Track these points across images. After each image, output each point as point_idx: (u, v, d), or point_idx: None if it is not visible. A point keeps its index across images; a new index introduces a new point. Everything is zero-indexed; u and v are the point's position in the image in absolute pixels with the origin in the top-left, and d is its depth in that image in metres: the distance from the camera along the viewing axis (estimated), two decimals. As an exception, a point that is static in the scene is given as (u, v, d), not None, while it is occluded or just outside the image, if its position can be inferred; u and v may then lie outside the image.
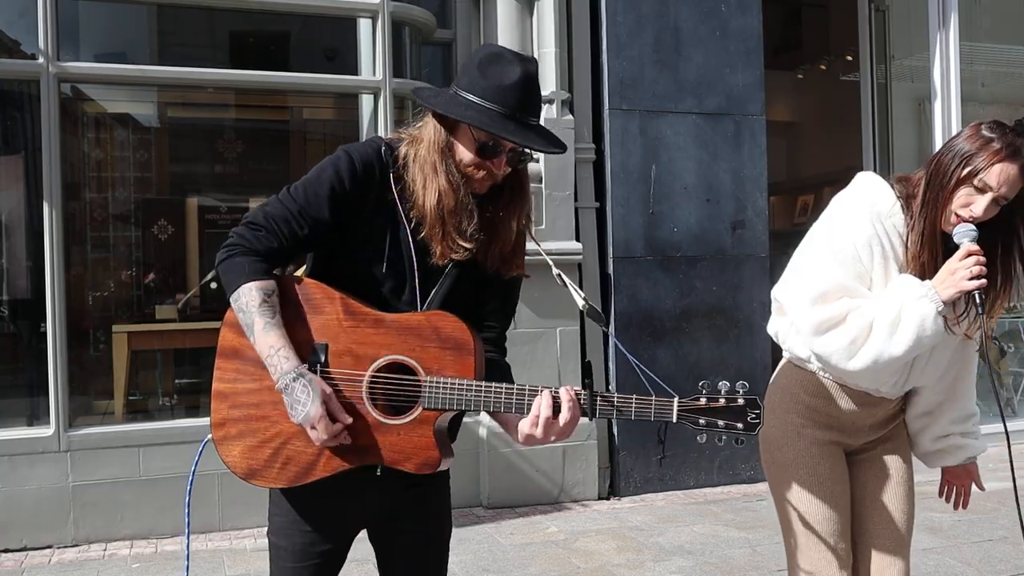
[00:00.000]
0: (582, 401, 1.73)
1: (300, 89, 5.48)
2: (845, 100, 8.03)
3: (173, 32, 5.84)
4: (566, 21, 5.54)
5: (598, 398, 1.73)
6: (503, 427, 1.86)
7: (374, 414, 1.77)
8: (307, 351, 1.77)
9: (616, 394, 1.74)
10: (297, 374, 1.72)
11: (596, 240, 5.59)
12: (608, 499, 5.46)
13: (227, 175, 6.12)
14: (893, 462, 2.34)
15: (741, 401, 1.73)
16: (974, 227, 1.99)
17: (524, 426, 1.73)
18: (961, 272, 1.96)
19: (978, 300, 1.96)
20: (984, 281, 1.95)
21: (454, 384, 1.75)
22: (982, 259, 1.96)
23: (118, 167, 5.92)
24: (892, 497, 2.31)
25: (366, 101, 5.38)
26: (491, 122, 1.75)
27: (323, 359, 1.78)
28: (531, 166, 5.38)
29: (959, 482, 2.38)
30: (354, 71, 5.36)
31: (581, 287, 5.51)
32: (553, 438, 1.74)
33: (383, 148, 1.85)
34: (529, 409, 1.73)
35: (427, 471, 1.77)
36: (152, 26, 5.71)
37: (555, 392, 1.73)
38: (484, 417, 5.27)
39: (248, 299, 1.75)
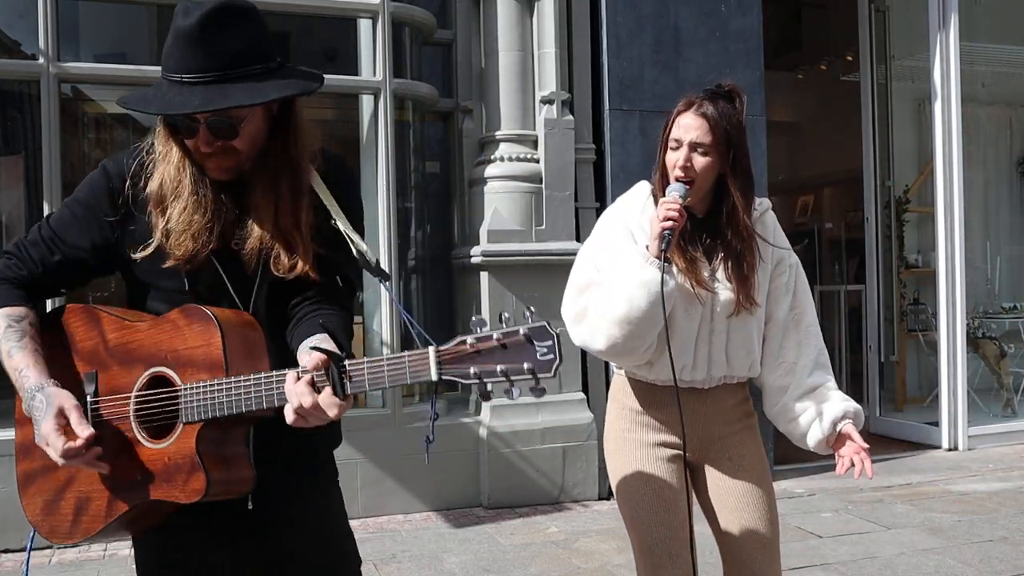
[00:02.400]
0: (332, 378, 1.40)
1: (300, 89, 5.47)
2: (845, 100, 8.04)
3: (173, 32, 5.85)
4: (566, 21, 5.54)
5: (345, 372, 1.39)
6: None
7: (143, 441, 1.52)
8: (79, 385, 1.58)
9: (366, 359, 1.40)
10: (37, 388, 1.52)
11: (596, 240, 5.58)
12: (608, 499, 5.45)
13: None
14: (746, 471, 2.27)
15: (522, 332, 1.32)
16: (680, 184, 2.13)
17: (288, 417, 1.42)
18: (654, 222, 2.08)
19: (665, 241, 2.04)
20: (671, 222, 2.03)
21: (207, 387, 1.47)
22: (671, 204, 2.06)
23: (118, 167, 5.93)
24: (748, 503, 2.26)
25: (366, 101, 5.38)
26: (140, 99, 1.54)
27: (93, 388, 1.57)
28: (531, 166, 5.40)
29: (848, 452, 2.23)
30: (354, 71, 5.36)
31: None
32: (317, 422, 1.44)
33: (145, 147, 1.64)
34: (281, 398, 1.43)
35: (196, 498, 1.47)
36: (152, 26, 5.71)
37: (300, 372, 1.42)
38: (484, 417, 5.27)
39: None
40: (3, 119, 5.23)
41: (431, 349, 1.36)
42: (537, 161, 5.44)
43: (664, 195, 2.14)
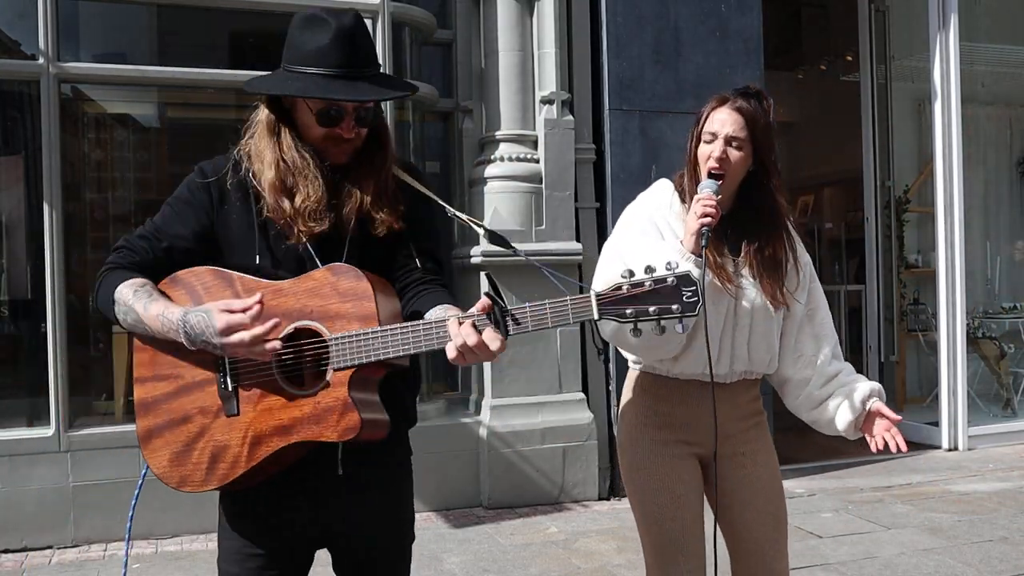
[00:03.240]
0: (494, 318, 1.59)
1: (300, 89, 5.47)
2: (845, 100, 8.04)
3: (173, 32, 5.83)
4: (566, 21, 5.54)
5: (508, 315, 1.59)
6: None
7: (288, 388, 1.69)
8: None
9: (529, 304, 1.60)
10: (184, 313, 1.66)
11: (596, 240, 5.58)
12: (608, 499, 5.45)
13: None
14: (759, 466, 2.29)
15: (672, 280, 1.56)
16: (711, 180, 2.14)
17: (450, 354, 1.59)
18: (691, 219, 2.09)
19: (704, 238, 2.06)
20: (708, 218, 2.05)
21: (359, 336, 1.63)
22: (707, 200, 2.07)
23: (118, 167, 5.91)
24: (758, 498, 2.27)
25: (366, 101, 5.38)
26: (315, 87, 1.70)
27: None
28: (531, 166, 5.40)
29: (879, 431, 2.24)
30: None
31: (581, 288, 5.50)
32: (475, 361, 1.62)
33: (235, 149, 1.84)
34: (440, 341, 1.60)
35: (351, 436, 1.64)
36: (152, 26, 5.70)
37: (463, 317, 1.60)
38: (484, 417, 5.27)
39: (123, 299, 1.74)
40: (3, 119, 5.23)
41: (592, 293, 1.58)
42: (537, 161, 5.44)
43: (695, 190, 2.17)
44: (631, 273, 1.57)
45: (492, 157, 5.42)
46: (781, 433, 2.41)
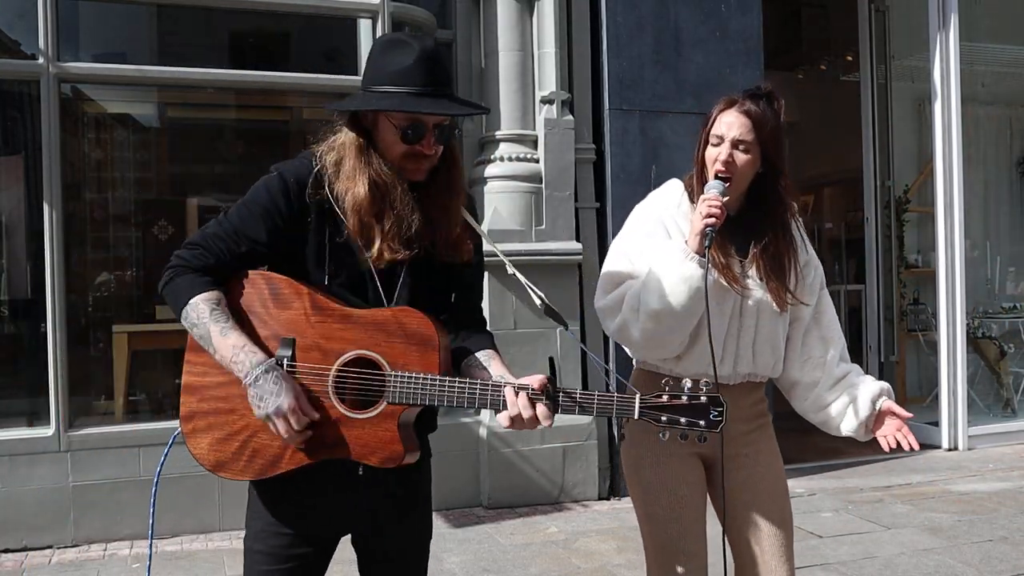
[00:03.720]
0: (548, 396, 1.75)
1: (300, 89, 5.47)
2: (845, 100, 8.04)
3: (173, 32, 5.84)
4: (566, 21, 5.54)
5: (561, 394, 1.76)
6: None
7: (340, 408, 1.77)
8: (275, 345, 1.79)
9: (579, 391, 1.77)
10: (268, 367, 1.73)
11: (596, 240, 5.59)
12: (608, 499, 5.45)
13: (227, 175, 6.12)
14: (761, 467, 2.29)
15: (704, 399, 1.75)
16: (718, 181, 2.15)
17: (503, 420, 1.75)
18: (696, 219, 2.10)
19: (708, 238, 2.07)
20: (713, 219, 2.06)
21: (418, 379, 1.75)
22: (713, 201, 2.08)
23: (118, 167, 5.92)
24: (763, 500, 2.26)
25: (366, 101, 5.38)
26: (403, 103, 1.76)
27: (290, 353, 1.78)
28: (531, 166, 5.40)
29: (889, 431, 2.23)
30: (354, 71, 5.35)
31: (581, 288, 5.51)
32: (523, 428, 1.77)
33: (313, 160, 1.86)
34: (494, 403, 1.75)
35: (391, 465, 1.77)
36: (152, 26, 5.70)
37: (519, 387, 1.75)
38: (484, 417, 5.27)
39: (197, 313, 1.78)
40: (3, 119, 5.23)
41: (637, 396, 1.76)
42: (537, 161, 5.44)
43: (703, 191, 2.17)
44: (675, 385, 1.76)
45: (492, 157, 5.42)
46: (782, 433, 2.40)
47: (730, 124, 2.18)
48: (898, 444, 2.21)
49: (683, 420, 1.74)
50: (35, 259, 4.94)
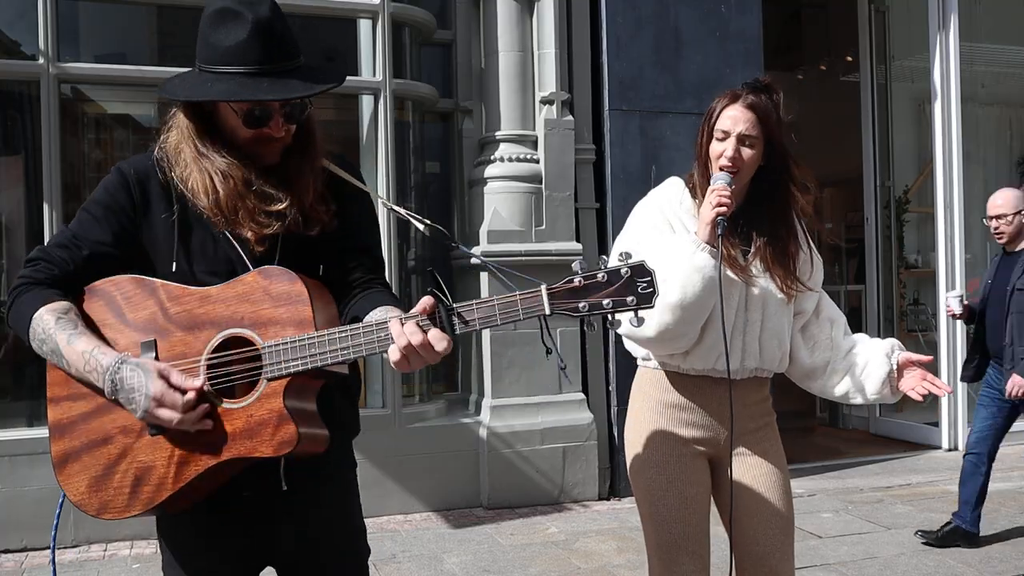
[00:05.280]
0: (439, 318, 1.49)
1: (300, 89, 5.47)
2: (845, 100, 8.03)
3: (173, 32, 5.83)
4: (566, 21, 5.54)
5: (454, 312, 1.50)
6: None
7: (216, 402, 1.56)
8: (137, 353, 1.60)
9: (476, 301, 1.50)
10: (119, 362, 1.54)
11: (596, 240, 5.59)
12: (608, 499, 5.45)
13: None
14: (766, 467, 2.28)
15: (625, 271, 1.47)
16: (725, 173, 2.15)
17: (393, 357, 1.50)
18: (705, 209, 2.11)
19: (720, 227, 2.08)
20: (723, 208, 2.07)
21: (294, 342, 1.52)
22: (722, 191, 2.10)
23: (118, 167, 5.92)
24: (768, 501, 2.26)
25: (366, 101, 5.38)
26: (240, 88, 1.58)
27: (153, 356, 1.59)
28: (531, 166, 5.40)
29: (915, 384, 2.21)
30: (354, 71, 5.36)
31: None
32: (422, 364, 1.52)
33: (156, 150, 1.71)
34: (382, 345, 1.51)
35: (287, 450, 1.53)
36: (152, 26, 5.70)
37: (405, 318, 1.50)
38: (484, 417, 5.27)
39: (42, 326, 1.59)
40: (3, 119, 5.23)
41: (543, 286, 1.48)
42: (537, 161, 5.44)
43: (707, 184, 2.19)
44: (582, 265, 1.50)
45: (492, 157, 5.42)
46: (782, 433, 2.40)
47: (735, 119, 2.18)
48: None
49: (606, 302, 1.46)
50: (35, 259, 4.94)
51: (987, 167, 7.92)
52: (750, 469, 2.27)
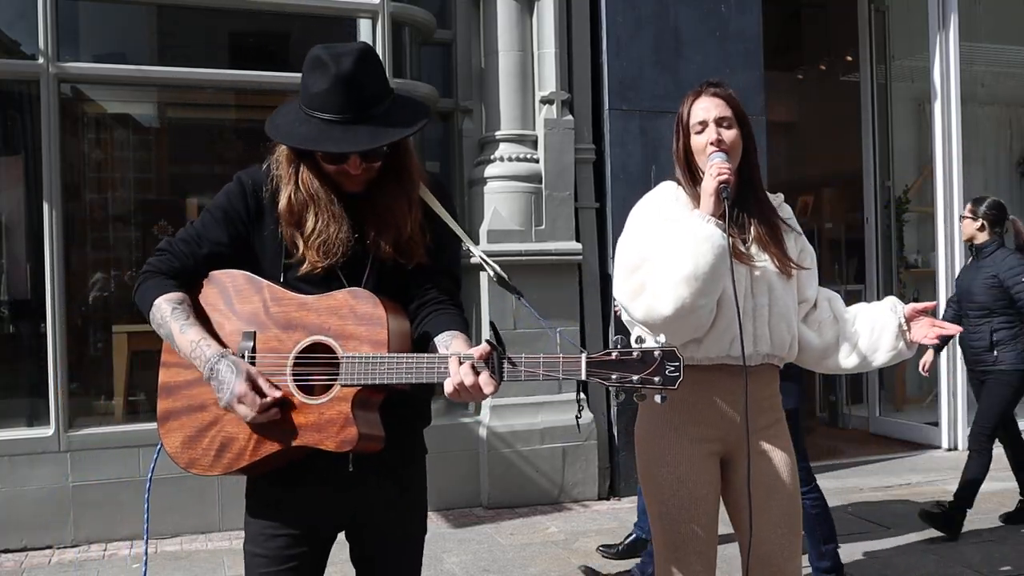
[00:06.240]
0: (491, 364, 1.68)
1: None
2: (845, 101, 8.03)
3: (173, 32, 5.84)
4: (566, 21, 5.54)
5: (505, 360, 1.68)
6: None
7: (298, 396, 1.79)
8: (239, 339, 1.84)
9: (524, 355, 1.70)
10: (220, 356, 1.77)
11: (596, 240, 5.59)
12: (608, 499, 5.46)
13: (227, 175, 6.07)
14: (775, 464, 2.29)
15: (657, 354, 1.63)
16: (719, 152, 2.22)
17: (446, 389, 1.70)
18: (708, 181, 2.17)
19: (724, 194, 2.14)
20: (725, 175, 2.14)
21: (368, 359, 1.74)
22: (721, 164, 2.16)
23: (118, 167, 5.91)
24: (776, 499, 2.27)
25: (366, 101, 5.38)
26: (318, 135, 1.77)
27: (251, 345, 1.82)
28: (531, 166, 5.40)
29: (926, 330, 2.26)
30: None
31: (581, 287, 5.51)
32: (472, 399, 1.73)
33: (273, 164, 1.91)
34: (440, 376, 1.71)
35: (347, 448, 1.76)
36: (152, 26, 5.70)
37: (463, 358, 1.69)
38: (484, 417, 5.27)
39: (161, 313, 1.84)
40: (3, 119, 5.23)
41: (583, 355, 1.66)
42: (537, 161, 5.44)
43: (691, 181, 2.27)
44: (622, 341, 1.64)
45: (492, 157, 5.42)
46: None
47: (706, 107, 2.27)
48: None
49: (635, 378, 1.62)
50: (35, 259, 4.94)
51: (987, 167, 7.92)
52: (760, 468, 2.27)
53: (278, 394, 1.76)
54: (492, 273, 2.02)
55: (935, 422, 6.75)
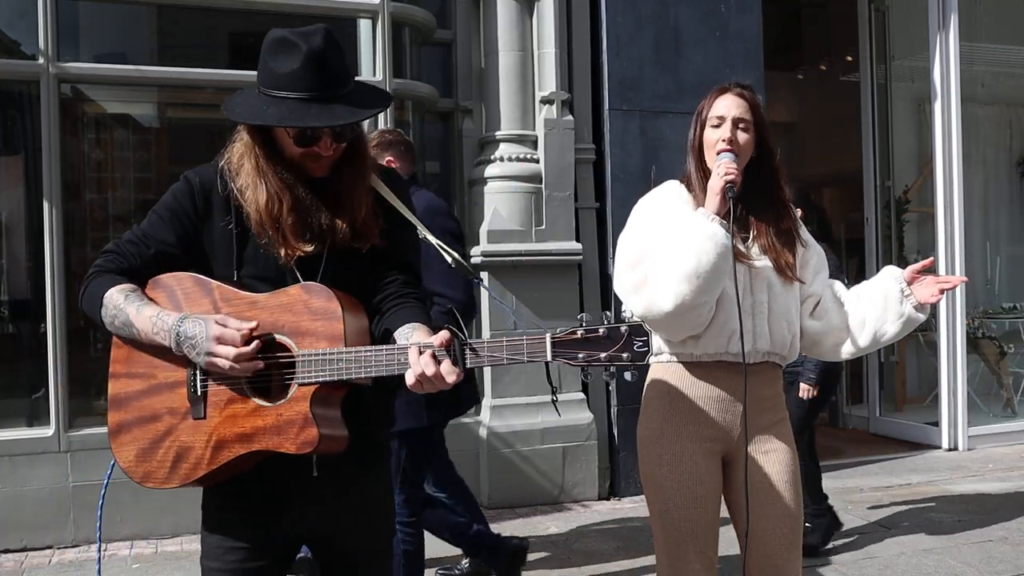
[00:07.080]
0: (453, 352, 1.63)
1: (300, 89, 5.47)
2: (845, 100, 8.03)
3: (173, 32, 5.83)
4: (566, 21, 5.54)
5: (467, 347, 1.64)
6: None
7: (254, 398, 1.73)
8: None
9: (487, 340, 1.65)
10: (181, 318, 1.73)
11: (596, 240, 5.59)
12: (608, 499, 5.45)
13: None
14: (777, 464, 2.29)
15: (624, 329, 1.60)
16: (728, 152, 2.23)
17: (409, 380, 1.65)
18: (714, 180, 2.18)
19: (730, 193, 2.15)
20: (732, 175, 2.15)
21: (324, 355, 1.68)
22: (728, 164, 2.18)
23: (118, 167, 5.91)
24: (777, 502, 2.26)
25: (366, 101, 5.37)
26: (291, 114, 1.73)
27: None
28: (531, 166, 5.40)
29: (931, 290, 2.26)
30: (354, 71, 5.35)
31: (581, 287, 5.51)
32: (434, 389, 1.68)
33: (221, 161, 1.88)
34: (401, 367, 1.65)
35: (308, 449, 1.70)
36: (152, 26, 5.70)
37: (423, 347, 1.64)
38: (484, 417, 5.27)
39: (113, 303, 1.78)
40: (3, 119, 5.23)
41: (548, 334, 1.61)
42: (537, 161, 5.44)
43: (702, 175, 2.28)
44: (586, 319, 1.62)
45: (492, 157, 5.42)
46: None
47: (728, 106, 2.29)
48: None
49: (603, 355, 1.59)
50: (35, 259, 4.93)
51: (987, 167, 7.92)
52: (762, 467, 2.28)
53: (252, 324, 1.70)
54: (449, 259, 1.96)
55: (935, 422, 6.75)
